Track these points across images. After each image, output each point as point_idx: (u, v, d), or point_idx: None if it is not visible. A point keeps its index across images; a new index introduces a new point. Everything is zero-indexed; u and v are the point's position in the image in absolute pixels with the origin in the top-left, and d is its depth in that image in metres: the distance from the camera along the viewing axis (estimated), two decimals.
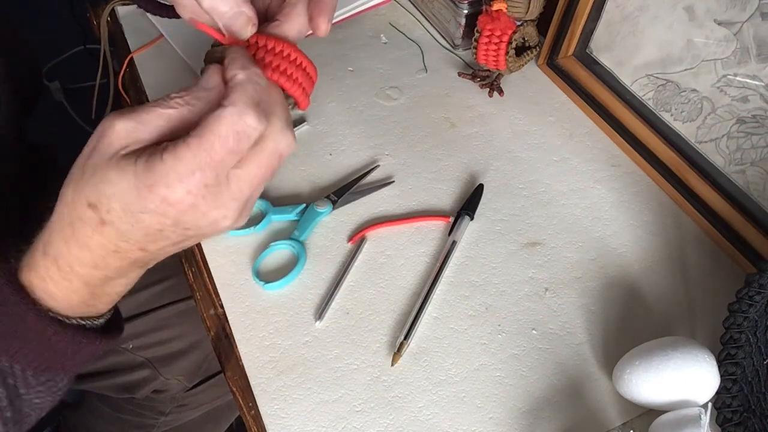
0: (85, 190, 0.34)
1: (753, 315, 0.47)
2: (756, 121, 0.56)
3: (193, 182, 0.32)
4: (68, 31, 1.62)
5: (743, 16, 0.54)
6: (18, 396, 0.39)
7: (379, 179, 0.65)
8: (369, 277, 0.57)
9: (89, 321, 0.40)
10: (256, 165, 0.34)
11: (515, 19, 0.67)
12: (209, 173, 0.32)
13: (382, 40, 0.79)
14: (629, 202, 0.63)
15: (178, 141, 0.32)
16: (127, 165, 0.32)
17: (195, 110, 0.34)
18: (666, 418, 0.45)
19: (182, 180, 0.32)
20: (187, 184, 0.32)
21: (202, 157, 0.32)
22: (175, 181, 0.32)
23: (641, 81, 0.66)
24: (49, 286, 0.37)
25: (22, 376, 0.39)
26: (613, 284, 0.57)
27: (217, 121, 0.32)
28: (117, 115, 0.33)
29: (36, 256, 0.37)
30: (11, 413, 0.39)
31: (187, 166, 0.32)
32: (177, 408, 0.79)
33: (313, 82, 0.42)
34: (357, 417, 0.49)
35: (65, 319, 0.38)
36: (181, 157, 0.32)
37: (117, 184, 0.32)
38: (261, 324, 0.54)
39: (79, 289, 0.37)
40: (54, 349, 0.38)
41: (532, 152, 0.67)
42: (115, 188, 0.33)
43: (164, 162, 0.32)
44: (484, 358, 0.52)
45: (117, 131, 0.33)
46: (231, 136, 0.32)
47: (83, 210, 0.34)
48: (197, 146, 0.32)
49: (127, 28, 0.79)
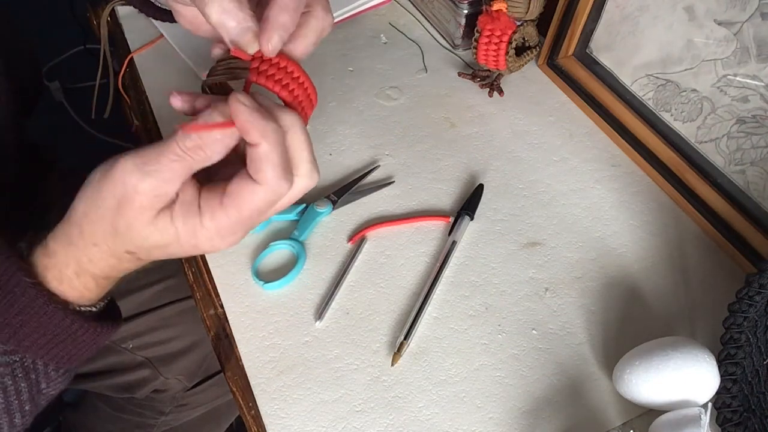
0: (124, 243, 0.37)
1: (753, 315, 0.47)
2: (756, 121, 0.56)
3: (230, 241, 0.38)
4: (68, 31, 1.61)
5: (743, 16, 0.54)
6: (39, 391, 0.41)
7: (379, 179, 0.65)
8: (369, 277, 0.57)
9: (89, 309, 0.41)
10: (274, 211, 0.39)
11: (515, 19, 0.67)
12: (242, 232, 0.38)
13: (382, 40, 0.79)
14: (629, 202, 0.63)
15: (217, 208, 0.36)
16: (166, 226, 0.36)
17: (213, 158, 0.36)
18: (666, 418, 0.45)
19: (224, 241, 0.37)
20: (228, 244, 0.38)
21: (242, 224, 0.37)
22: (219, 242, 0.37)
23: (641, 81, 0.66)
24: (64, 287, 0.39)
25: (44, 371, 0.40)
26: (613, 284, 0.57)
27: (253, 198, 0.35)
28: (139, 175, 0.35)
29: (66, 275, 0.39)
30: (30, 406, 0.41)
31: (229, 231, 0.37)
32: (177, 408, 0.79)
33: (313, 105, 0.42)
34: (357, 417, 0.49)
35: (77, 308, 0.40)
36: (220, 224, 0.36)
37: (159, 242, 0.37)
38: (261, 324, 0.54)
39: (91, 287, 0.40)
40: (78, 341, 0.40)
41: (532, 152, 0.67)
42: (157, 244, 0.37)
43: (206, 228, 0.36)
44: (484, 358, 0.52)
45: (145, 194, 0.35)
46: (265, 207, 0.36)
47: (122, 254, 0.38)
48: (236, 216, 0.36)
49: (127, 28, 0.79)
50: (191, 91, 0.39)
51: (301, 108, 0.41)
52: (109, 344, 0.70)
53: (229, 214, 0.36)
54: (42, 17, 1.76)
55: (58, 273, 0.38)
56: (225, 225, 0.36)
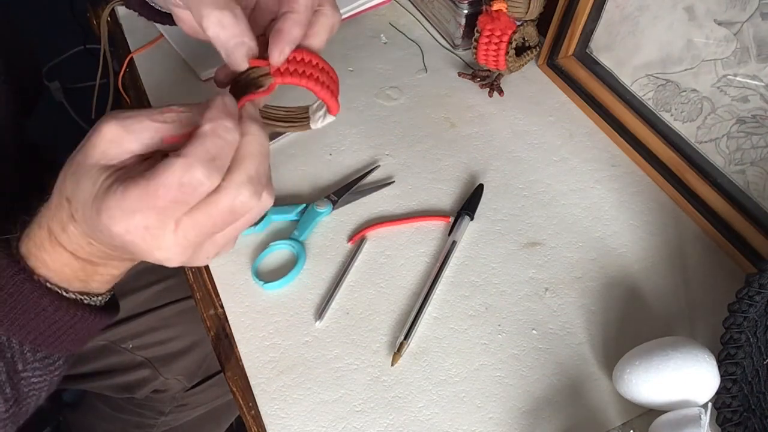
0: (66, 183, 0.35)
1: (753, 315, 0.47)
2: (756, 121, 0.56)
3: (133, 222, 0.33)
4: (68, 31, 1.61)
5: (743, 16, 0.54)
6: (16, 372, 0.40)
7: (380, 179, 0.65)
8: (369, 277, 0.57)
9: (87, 297, 0.41)
10: (205, 216, 0.34)
11: (515, 19, 0.67)
12: (151, 216, 0.33)
13: (382, 40, 0.79)
14: (629, 202, 0.63)
15: (132, 178, 0.33)
16: (98, 179, 0.34)
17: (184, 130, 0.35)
18: (666, 418, 0.45)
19: (123, 217, 0.33)
20: (127, 222, 0.33)
21: (146, 200, 0.32)
22: (118, 216, 0.33)
23: (641, 81, 0.66)
24: (43, 255, 0.39)
25: (20, 350, 0.40)
26: (613, 284, 0.57)
27: (165, 170, 0.32)
28: (111, 118, 0.34)
29: (33, 228, 0.39)
30: (11, 390, 0.40)
31: (130, 206, 0.33)
32: (177, 408, 0.79)
33: (338, 86, 0.43)
34: (357, 417, 0.49)
35: (62, 292, 0.40)
36: (128, 195, 0.33)
37: (84, 192, 0.34)
38: (261, 324, 0.54)
39: (70, 262, 0.39)
40: (51, 320, 0.40)
41: (532, 152, 0.67)
42: (82, 196, 0.34)
43: (115, 194, 0.33)
44: (484, 358, 0.52)
45: (104, 135, 0.34)
46: (175, 186, 0.32)
47: (61, 200, 0.36)
48: (144, 189, 0.32)
49: (127, 28, 0.79)
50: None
51: (330, 92, 0.41)
52: (109, 344, 0.70)
53: (139, 185, 0.32)
54: (42, 17, 1.76)
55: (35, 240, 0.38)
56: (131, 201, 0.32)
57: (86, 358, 0.71)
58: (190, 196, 0.33)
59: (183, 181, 0.32)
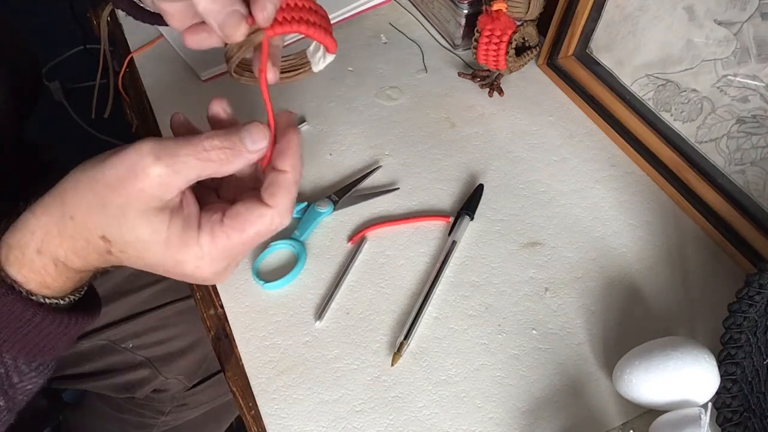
0: (104, 225, 0.35)
1: (753, 315, 0.47)
2: (756, 121, 0.56)
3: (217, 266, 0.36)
4: (68, 31, 1.61)
5: (743, 16, 0.54)
6: (12, 385, 0.40)
7: (382, 182, 0.64)
8: (369, 277, 0.57)
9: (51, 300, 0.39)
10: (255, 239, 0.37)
11: (515, 19, 0.67)
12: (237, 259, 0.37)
13: (382, 40, 0.79)
14: (629, 202, 0.63)
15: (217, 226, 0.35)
16: (160, 225, 0.34)
17: (231, 168, 0.36)
18: (666, 418, 0.45)
19: (211, 264, 0.36)
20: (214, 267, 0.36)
21: (237, 249, 0.36)
22: (205, 264, 0.35)
23: (641, 81, 0.66)
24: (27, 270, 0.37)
25: (14, 365, 0.39)
26: (613, 284, 0.57)
27: (260, 221, 0.35)
28: (153, 158, 0.33)
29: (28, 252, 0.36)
30: (5, 401, 0.39)
31: (220, 255, 0.35)
32: (177, 408, 0.79)
33: (329, 22, 0.42)
34: (357, 417, 0.49)
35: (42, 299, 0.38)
36: (217, 245, 0.35)
37: (144, 239, 0.34)
38: (261, 324, 0.54)
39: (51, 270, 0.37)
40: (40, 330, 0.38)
41: (532, 152, 0.67)
42: (140, 241, 0.35)
43: (200, 246, 0.35)
44: (484, 358, 0.52)
45: (151, 178, 0.33)
46: (264, 233, 0.36)
47: (95, 238, 0.35)
48: (236, 239, 0.35)
49: (127, 28, 0.79)
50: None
51: (324, 31, 0.40)
52: (109, 344, 0.70)
53: (230, 234, 0.35)
54: (42, 17, 1.76)
55: (20, 254, 0.36)
56: (221, 246, 0.35)
57: (86, 358, 0.71)
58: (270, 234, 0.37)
59: (271, 228, 0.36)
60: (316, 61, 0.44)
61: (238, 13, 0.37)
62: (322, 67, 0.44)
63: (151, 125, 0.70)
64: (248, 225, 0.36)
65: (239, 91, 0.73)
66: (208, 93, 0.72)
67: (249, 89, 0.72)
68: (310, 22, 0.39)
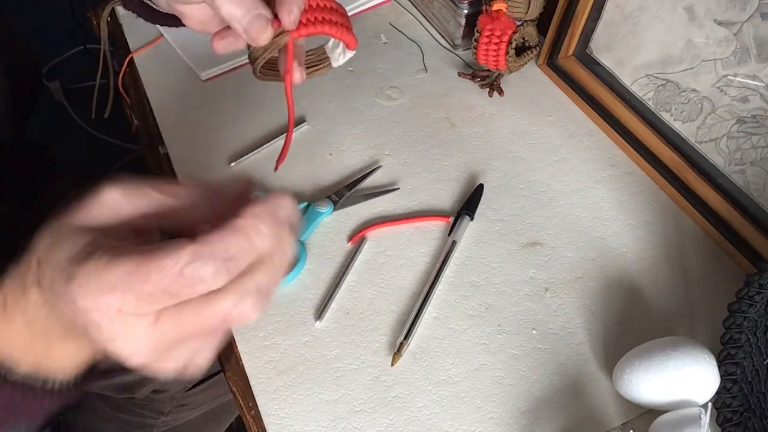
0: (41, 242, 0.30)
1: (753, 315, 0.47)
2: (756, 121, 0.56)
3: (106, 300, 0.27)
4: (68, 31, 1.62)
5: (743, 16, 0.54)
6: None
7: (383, 182, 0.64)
8: (369, 277, 0.57)
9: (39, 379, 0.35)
10: (194, 315, 0.28)
11: (515, 19, 0.67)
12: (131, 300, 0.27)
13: (382, 40, 0.79)
14: (629, 202, 0.63)
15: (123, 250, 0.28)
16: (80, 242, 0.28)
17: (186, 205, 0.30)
18: (666, 418, 0.45)
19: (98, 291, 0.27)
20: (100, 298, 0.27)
21: (132, 279, 0.27)
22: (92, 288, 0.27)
23: (641, 81, 0.66)
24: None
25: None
26: (613, 284, 0.57)
27: (168, 253, 0.27)
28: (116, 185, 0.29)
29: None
30: None
31: (111, 281, 0.27)
32: (177, 408, 0.79)
33: (349, 19, 0.42)
34: (357, 417, 0.49)
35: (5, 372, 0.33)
36: (112, 268, 0.27)
37: (60, 253, 0.28)
38: (261, 324, 0.54)
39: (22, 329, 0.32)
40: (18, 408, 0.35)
41: (532, 152, 0.67)
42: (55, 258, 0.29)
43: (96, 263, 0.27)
44: (484, 358, 0.52)
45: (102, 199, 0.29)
46: (174, 275, 0.27)
47: (30, 262, 0.30)
48: (135, 266, 0.27)
49: (127, 28, 0.79)
50: None
51: (346, 29, 0.40)
52: None
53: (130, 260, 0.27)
54: (42, 17, 1.76)
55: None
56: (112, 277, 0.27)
57: None
58: (184, 290, 0.27)
59: (185, 272, 0.27)
60: (336, 57, 0.44)
61: (263, 17, 0.37)
62: (342, 63, 0.45)
63: (151, 125, 0.70)
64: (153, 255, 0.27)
65: (239, 91, 0.73)
66: (208, 93, 0.72)
67: (248, 89, 0.72)
68: (333, 21, 0.39)
